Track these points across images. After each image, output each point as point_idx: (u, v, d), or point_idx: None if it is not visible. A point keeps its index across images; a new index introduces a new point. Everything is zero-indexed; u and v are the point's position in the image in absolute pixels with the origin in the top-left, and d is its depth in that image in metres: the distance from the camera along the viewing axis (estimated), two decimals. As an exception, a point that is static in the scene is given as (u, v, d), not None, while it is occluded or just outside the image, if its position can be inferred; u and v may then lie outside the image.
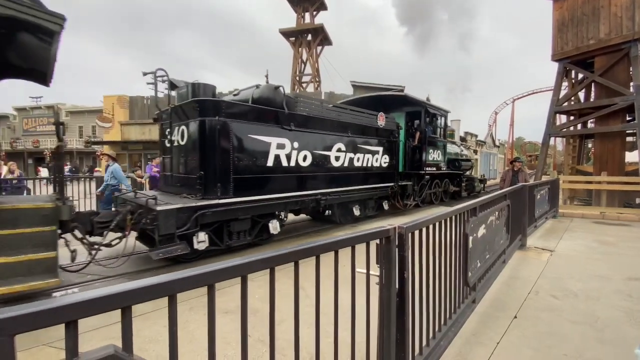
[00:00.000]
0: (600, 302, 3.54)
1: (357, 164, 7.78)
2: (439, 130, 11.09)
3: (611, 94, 10.40)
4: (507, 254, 4.69)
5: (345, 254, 1.67)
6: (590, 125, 12.06)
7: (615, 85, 10.17)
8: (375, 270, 1.81)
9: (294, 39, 28.03)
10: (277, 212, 6.15)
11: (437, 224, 2.36)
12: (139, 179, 10.63)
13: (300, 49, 27.83)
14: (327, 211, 7.57)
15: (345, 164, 7.45)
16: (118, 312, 0.88)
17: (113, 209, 5.80)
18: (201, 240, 4.97)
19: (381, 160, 8.56)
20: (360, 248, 1.71)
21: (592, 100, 11.98)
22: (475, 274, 3.20)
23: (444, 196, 12.28)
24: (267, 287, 1.29)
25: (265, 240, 6.15)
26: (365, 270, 1.74)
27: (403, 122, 10.23)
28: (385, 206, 9.26)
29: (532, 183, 7.13)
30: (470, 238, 2.99)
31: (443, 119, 11.37)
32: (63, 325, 0.78)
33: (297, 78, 28.88)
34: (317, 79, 28.51)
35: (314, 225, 8.28)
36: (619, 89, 10.08)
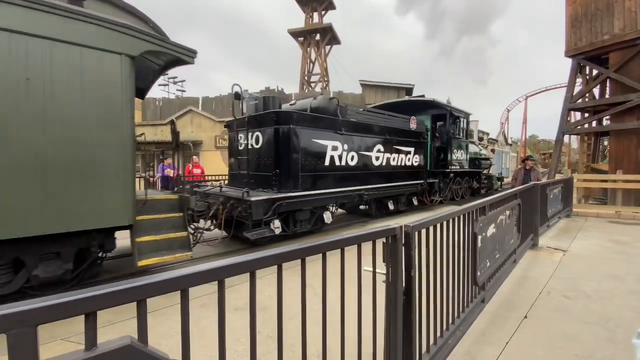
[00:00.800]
0: (614, 302, 3.48)
1: (392, 163, 8.70)
2: (461, 131, 11.82)
3: (627, 90, 10.13)
4: (518, 254, 4.63)
5: (353, 252, 1.70)
6: (605, 122, 11.77)
7: (630, 82, 9.91)
8: (381, 268, 1.83)
9: (302, 38, 28.09)
10: (330, 205, 7.22)
11: (444, 223, 2.36)
12: (151, 179, 10.83)
13: (308, 48, 27.88)
14: (363, 205, 8.63)
15: (383, 163, 8.39)
16: (134, 309, 0.92)
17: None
18: (277, 227, 5.92)
19: (412, 159, 9.50)
20: (367, 247, 1.73)
21: (607, 96, 11.69)
22: (485, 273, 3.18)
23: (464, 193, 12.91)
24: (277, 284, 1.33)
25: (320, 228, 7.17)
26: (372, 269, 1.76)
27: (429, 123, 10.96)
28: (415, 202, 10.05)
29: (545, 182, 7.01)
30: (479, 237, 2.98)
31: (465, 120, 12.10)
32: (81, 318, 0.83)
33: (306, 78, 28.93)
34: (325, 79, 28.52)
35: (351, 218, 9.09)
36: (635, 85, 9.82)
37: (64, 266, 3.78)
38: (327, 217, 7.01)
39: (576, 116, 15.75)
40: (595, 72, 11.73)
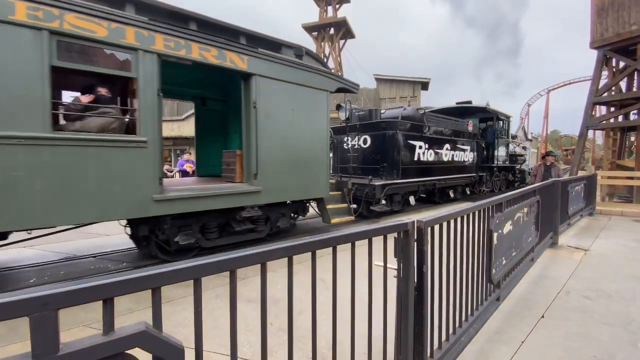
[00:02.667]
0: (636, 303, 3.35)
1: (455, 159, 10.78)
2: (504, 132, 13.72)
3: (657, 82, 9.63)
4: (536, 252, 4.51)
5: (365, 247, 1.70)
6: (632, 117, 11.24)
7: (662, 74, 9.41)
8: (393, 263, 1.82)
9: (316, 33, 27.95)
10: (414, 191, 9.27)
11: (458, 219, 2.33)
12: (168, 173, 11.14)
13: (322, 43, 27.72)
14: (422, 194, 10.38)
15: (449, 159, 10.48)
16: (149, 298, 0.95)
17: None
18: (382, 204, 8.24)
19: (468, 156, 11.51)
20: (379, 242, 1.73)
21: (634, 89, 11.14)
22: (500, 271, 3.12)
23: (501, 186, 14.40)
24: (287, 277, 1.34)
25: (405, 208, 9.28)
26: (383, 263, 1.76)
27: (477, 124, 13.00)
28: (467, 191, 12.14)
29: (566, 178, 6.78)
30: (495, 234, 2.91)
31: (507, 122, 14.07)
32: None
33: (320, 73, 28.72)
34: (339, 73, 28.35)
35: (420, 204, 10.48)
36: (667, 77, 9.32)
37: (290, 221, 6.13)
38: (412, 200, 9.29)
39: (601, 110, 15.12)
40: (622, 64, 11.20)
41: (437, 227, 2.08)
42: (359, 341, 1.64)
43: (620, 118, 11.63)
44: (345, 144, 9.07)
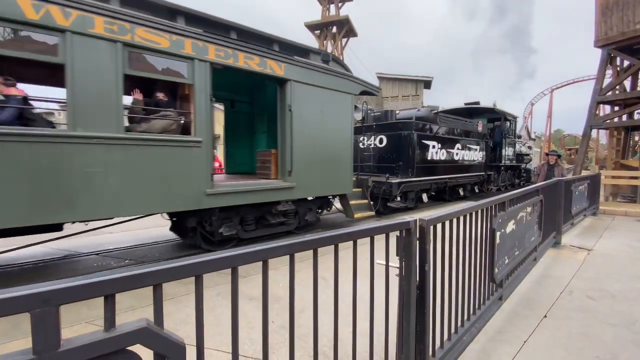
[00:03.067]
0: (641, 304, 3.33)
1: (465, 158, 11.15)
2: (511, 132, 14.13)
3: (662, 81, 9.54)
4: (539, 252, 4.49)
5: (367, 246, 1.69)
6: (636, 116, 11.15)
7: (667, 73, 9.32)
8: (394, 262, 1.81)
9: (319, 31, 27.89)
10: (427, 188, 9.72)
11: (461, 218, 2.31)
12: None
13: (325, 41, 27.66)
14: (432, 193, 10.83)
15: (460, 158, 10.84)
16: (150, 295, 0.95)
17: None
18: (398, 201, 8.72)
19: (477, 155, 11.88)
20: (380, 240, 1.72)
21: (639, 89, 11.05)
22: (503, 271, 3.10)
23: (508, 184, 14.74)
24: (289, 274, 1.34)
25: (418, 205, 9.71)
26: (385, 262, 1.75)
27: (485, 125, 13.40)
28: (476, 189, 12.52)
29: (569, 178, 6.74)
30: (498, 233, 2.90)
31: (514, 123, 14.55)
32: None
33: (322, 71, 28.60)
34: (342, 72, 28.13)
35: (430, 202, 10.75)
36: (672, 76, 9.23)
37: (316, 215, 6.56)
38: (424, 197, 9.82)
39: (605, 109, 15.01)
40: (626, 63, 11.10)
41: (439, 226, 2.07)
42: (361, 339, 1.64)
43: (624, 117, 11.53)
44: (361, 143, 9.46)
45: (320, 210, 6.81)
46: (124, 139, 3.80)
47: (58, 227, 3.97)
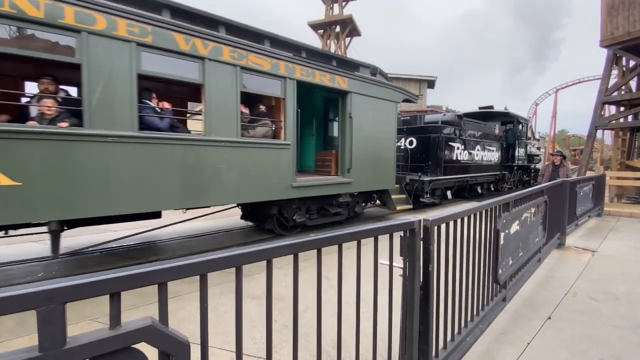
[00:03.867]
0: (646, 306, 3.30)
1: (484, 158, 12.09)
2: (522, 134, 14.92)
3: (669, 82, 9.44)
4: (543, 253, 4.46)
5: (370, 246, 1.69)
6: (643, 116, 11.05)
7: (674, 73, 9.22)
8: (398, 262, 1.81)
9: (322, 31, 27.85)
10: (451, 186, 10.57)
11: (465, 219, 2.30)
12: None
13: (328, 41, 27.62)
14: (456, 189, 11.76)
15: (479, 159, 11.77)
16: (155, 293, 0.95)
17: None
18: (428, 197, 9.61)
19: (494, 156, 12.88)
20: (384, 240, 1.71)
21: (646, 89, 10.95)
22: (507, 272, 3.09)
23: (520, 183, 15.58)
24: (292, 274, 1.33)
25: (443, 201, 10.46)
26: (388, 262, 1.74)
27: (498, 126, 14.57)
28: (492, 188, 13.42)
29: (574, 179, 6.69)
30: (502, 234, 2.88)
31: (526, 125, 15.55)
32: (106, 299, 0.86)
33: (326, 71, 28.50)
34: (345, 72, 28.04)
35: (452, 199, 11.23)
36: (679, 76, 9.13)
37: (362, 207, 7.53)
38: (449, 194, 10.66)
39: (611, 110, 14.90)
40: (632, 63, 11.00)
41: (443, 226, 2.07)
42: (364, 340, 1.64)
43: (630, 118, 11.44)
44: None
45: (364, 204, 7.72)
46: (241, 142, 4.87)
47: (157, 215, 4.73)
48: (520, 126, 14.55)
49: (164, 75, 4.14)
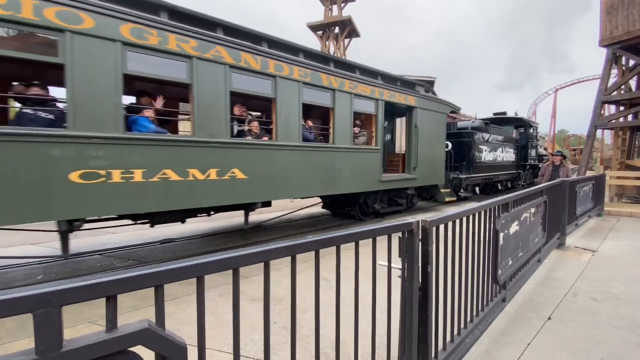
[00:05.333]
0: (647, 306, 3.29)
1: (504, 159, 13.95)
2: (533, 137, 16.86)
3: (668, 81, 9.43)
4: (543, 253, 4.46)
5: (369, 247, 1.68)
6: (642, 116, 11.03)
7: (673, 72, 9.22)
8: (397, 263, 1.81)
9: (321, 32, 27.88)
10: (479, 183, 12.35)
11: (464, 219, 2.30)
12: None
13: (327, 42, 27.65)
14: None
15: (500, 159, 13.60)
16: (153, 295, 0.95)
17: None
18: (464, 192, 11.27)
19: (512, 156, 14.74)
20: (383, 241, 1.71)
21: (645, 88, 10.94)
22: (506, 272, 3.08)
23: (530, 180, 16.90)
24: (290, 275, 1.33)
25: (471, 196, 11.89)
26: (387, 263, 1.74)
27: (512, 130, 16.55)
28: (509, 185, 15.19)
29: (574, 178, 6.68)
30: (501, 234, 2.88)
31: (535, 129, 17.45)
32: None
33: (325, 72, 28.49)
34: (345, 73, 28.03)
35: (476, 195, 12.56)
36: (678, 75, 9.13)
37: (417, 200, 9.41)
38: (477, 190, 12.46)
39: (610, 109, 14.88)
40: (632, 62, 11.01)
41: (442, 227, 2.06)
42: (363, 341, 1.63)
43: (629, 117, 11.43)
44: None
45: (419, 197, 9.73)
46: (352, 148, 6.75)
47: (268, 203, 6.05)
48: (531, 130, 16.48)
49: (313, 102, 5.99)
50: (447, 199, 9.92)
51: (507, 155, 14.22)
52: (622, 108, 11.83)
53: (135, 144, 3.97)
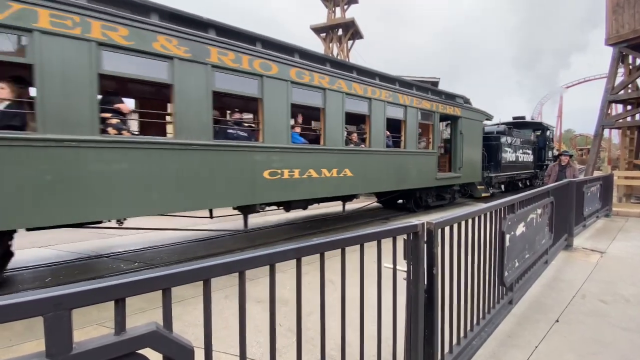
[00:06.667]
0: (657, 308, 3.24)
1: (525, 160, 15.47)
2: (549, 139, 18.40)
3: (677, 80, 9.30)
4: (550, 255, 4.41)
5: (374, 249, 1.68)
6: (651, 115, 10.89)
7: (682, 70, 9.09)
8: (402, 265, 1.80)
9: (324, 34, 27.94)
10: (504, 181, 14.03)
11: (469, 221, 2.29)
12: None
13: (330, 44, 27.70)
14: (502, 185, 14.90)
15: (521, 160, 15.04)
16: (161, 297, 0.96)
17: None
18: (492, 189, 12.52)
19: (531, 157, 16.18)
20: (388, 243, 1.71)
21: (653, 87, 10.80)
22: (513, 274, 3.06)
23: (541, 180, 18.50)
24: (296, 278, 1.34)
25: (498, 192, 13.44)
26: (392, 265, 1.74)
27: (531, 133, 18.09)
28: (527, 183, 16.57)
29: (581, 179, 6.61)
30: (508, 236, 2.86)
31: (552, 132, 19.08)
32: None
33: (329, 74, 28.51)
34: (348, 74, 28.03)
35: (500, 192, 13.94)
36: (687, 74, 9.00)
37: (458, 196, 11.08)
38: (502, 187, 14.22)
39: (617, 109, 14.70)
40: (639, 61, 10.88)
41: (447, 229, 2.06)
42: (368, 343, 1.63)
43: (637, 116, 11.28)
44: None
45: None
46: (416, 152, 8.34)
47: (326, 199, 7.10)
48: (547, 133, 18.14)
49: (393, 117, 7.66)
50: (482, 195, 11.32)
51: (527, 156, 15.68)
52: (629, 107, 11.69)
53: (295, 152, 5.69)
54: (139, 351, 0.90)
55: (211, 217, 5.75)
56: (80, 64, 3.53)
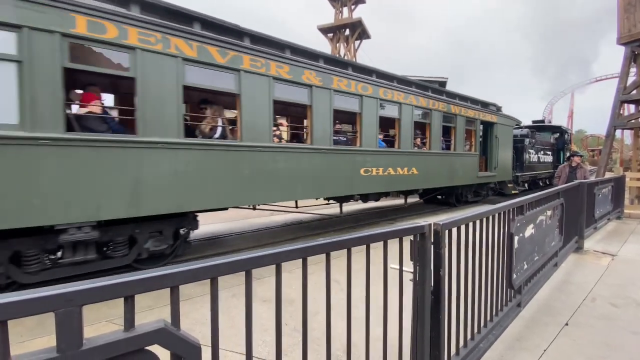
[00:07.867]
0: (670, 313, 3.17)
1: (545, 160, 16.65)
2: (567, 141, 19.47)
3: (692, 79, 9.07)
4: (560, 257, 4.34)
5: (380, 250, 1.68)
6: (665, 115, 10.65)
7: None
8: (408, 266, 1.79)
9: (331, 34, 27.94)
10: (527, 180, 15.02)
11: (477, 222, 2.27)
12: None
13: (337, 44, 27.68)
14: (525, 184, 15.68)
15: (542, 161, 16.32)
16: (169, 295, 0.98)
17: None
18: (518, 187, 13.68)
19: (550, 158, 17.32)
20: (394, 244, 1.70)
21: (667, 87, 10.55)
22: (521, 276, 3.02)
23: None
24: (302, 278, 1.34)
25: (524, 190, 14.31)
26: (398, 266, 1.73)
27: (550, 135, 19.52)
28: (547, 182, 17.40)
29: (592, 180, 6.49)
30: (516, 238, 2.82)
31: (569, 135, 20.26)
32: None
33: (336, 74, 28.52)
34: (355, 74, 28.01)
35: (523, 190, 14.42)
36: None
37: (491, 193, 12.50)
38: (526, 185, 15.08)
39: (630, 109, 14.40)
40: (653, 60, 10.64)
41: (454, 230, 2.04)
42: (374, 344, 1.63)
43: (650, 117, 11.04)
44: None
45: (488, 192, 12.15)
46: (463, 153, 9.58)
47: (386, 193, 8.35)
48: (565, 135, 19.20)
49: (446, 124, 8.99)
50: (513, 192, 12.58)
51: (547, 157, 16.96)
52: (642, 107, 11.43)
53: (380, 154, 7.21)
54: (148, 348, 0.92)
55: (296, 207, 7.52)
56: (262, 92, 5.14)
